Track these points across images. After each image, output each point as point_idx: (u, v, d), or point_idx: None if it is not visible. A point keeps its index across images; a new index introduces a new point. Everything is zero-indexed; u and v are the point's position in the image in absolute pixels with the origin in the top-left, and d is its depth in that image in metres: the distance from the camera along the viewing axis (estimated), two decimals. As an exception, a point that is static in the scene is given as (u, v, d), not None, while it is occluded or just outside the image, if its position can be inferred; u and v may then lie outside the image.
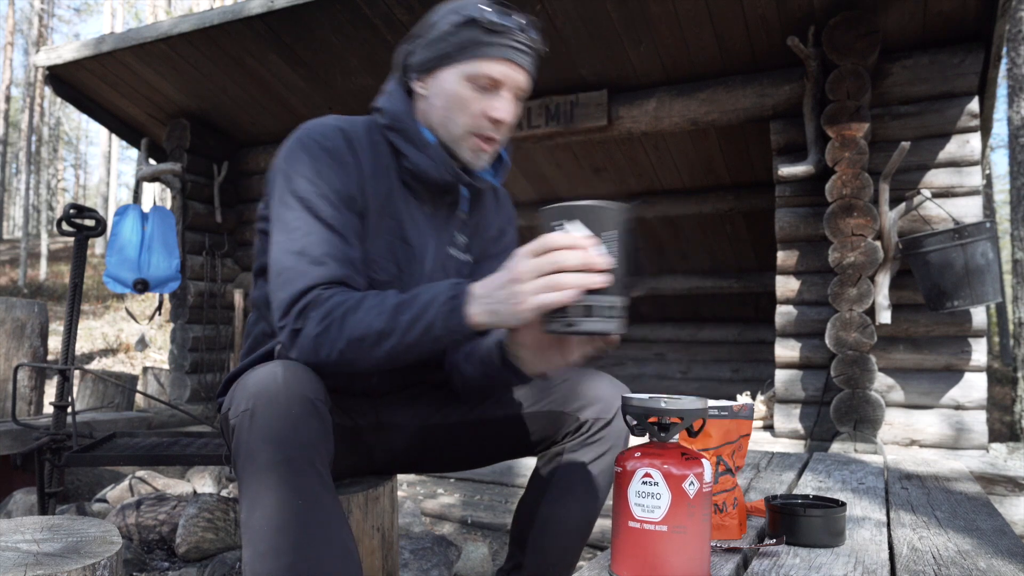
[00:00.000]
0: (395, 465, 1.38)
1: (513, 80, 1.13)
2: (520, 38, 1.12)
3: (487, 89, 1.12)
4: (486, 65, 1.10)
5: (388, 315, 0.95)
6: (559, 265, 0.84)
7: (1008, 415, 9.40)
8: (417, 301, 0.95)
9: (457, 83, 1.12)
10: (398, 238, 1.17)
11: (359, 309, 0.97)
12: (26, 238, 17.74)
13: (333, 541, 0.90)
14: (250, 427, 0.92)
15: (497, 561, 2.58)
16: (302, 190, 1.08)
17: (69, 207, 2.36)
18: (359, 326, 0.96)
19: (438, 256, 1.22)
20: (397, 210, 1.18)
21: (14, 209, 30.32)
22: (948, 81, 3.16)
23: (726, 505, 1.02)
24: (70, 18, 28.36)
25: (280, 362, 0.99)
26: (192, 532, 2.28)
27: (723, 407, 1.02)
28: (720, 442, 1.02)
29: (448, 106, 1.13)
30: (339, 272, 1.04)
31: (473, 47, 1.10)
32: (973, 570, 1.05)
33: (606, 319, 0.86)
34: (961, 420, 3.09)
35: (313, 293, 1.01)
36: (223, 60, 4.07)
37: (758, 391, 4.43)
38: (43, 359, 3.45)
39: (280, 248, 1.07)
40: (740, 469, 1.03)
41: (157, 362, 10.42)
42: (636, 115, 3.82)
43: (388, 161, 1.18)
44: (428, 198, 1.21)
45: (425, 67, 1.15)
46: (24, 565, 0.92)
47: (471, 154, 1.17)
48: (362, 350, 0.97)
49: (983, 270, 2.90)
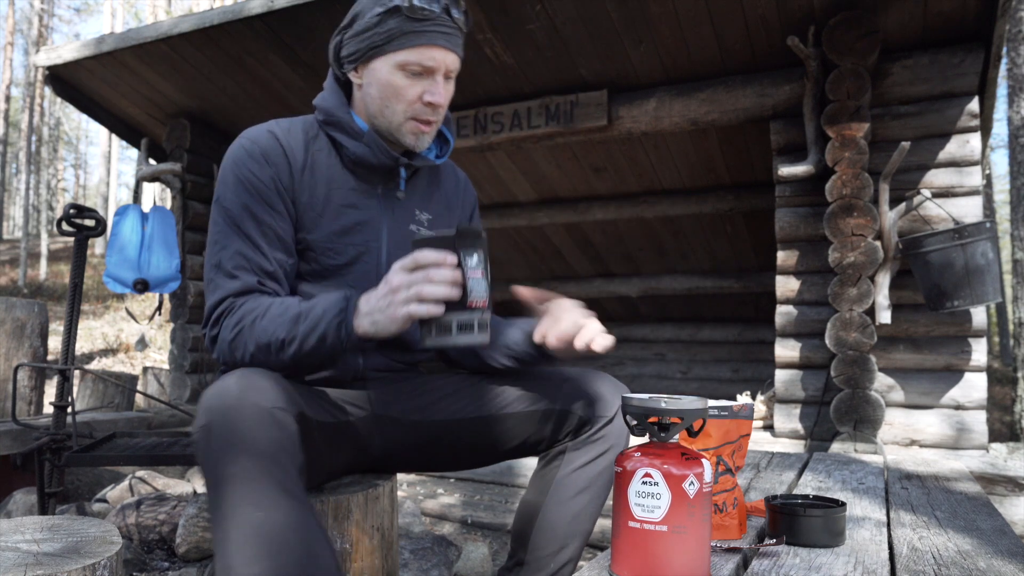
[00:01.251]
0: (394, 461, 1.38)
1: (444, 63, 1.17)
2: (445, 21, 1.15)
3: (420, 75, 1.17)
4: (415, 53, 1.14)
5: (288, 325, 1.05)
6: (427, 279, 0.95)
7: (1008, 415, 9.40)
8: (312, 313, 1.04)
9: (390, 72, 1.16)
10: (351, 222, 1.23)
11: (265, 317, 1.07)
12: (26, 238, 17.73)
13: (298, 548, 0.89)
14: (207, 442, 0.93)
15: (497, 561, 2.58)
16: (225, 200, 1.18)
17: (69, 207, 2.36)
18: (264, 334, 1.06)
19: (396, 234, 1.28)
20: (346, 197, 1.24)
21: (14, 209, 30.32)
22: (948, 81, 3.16)
23: (726, 505, 1.02)
24: (70, 18, 28.36)
25: (238, 372, 1.00)
26: (192, 532, 2.28)
27: (723, 407, 1.02)
28: (720, 442, 1.02)
29: (384, 95, 1.18)
30: (250, 282, 1.14)
31: (400, 36, 1.14)
32: (973, 570, 1.05)
33: (469, 333, 0.97)
34: (961, 420, 3.09)
35: (226, 303, 1.12)
36: (223, 60, 4.07)
37: (758, 391, 4.43)
38: (43, 359, 3.45)
39: (206, 260, 1.18)
40: (740, 469, 1.03)
41: (157, 362, 10.42)
42: (636, 115, 3.82)
43: (330, 153, 1.25)
44: (377, 181, 1.27)
45: (356, 58, 1.19)
46: (24, 565, 0.92)
47: (412, 137, 1.22)
48: (269, 355, 1.07)
49: (983, 270, 2.90)
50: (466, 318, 0.97)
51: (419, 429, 1.31)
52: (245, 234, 1.15)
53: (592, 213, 5.52)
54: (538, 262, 6.56)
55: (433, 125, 1.23)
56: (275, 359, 1.06)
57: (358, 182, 1.25)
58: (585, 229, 5.90)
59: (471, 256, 0.97)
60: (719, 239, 5.71)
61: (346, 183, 1.24)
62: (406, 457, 1.36)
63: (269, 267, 1.16)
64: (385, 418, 1.29)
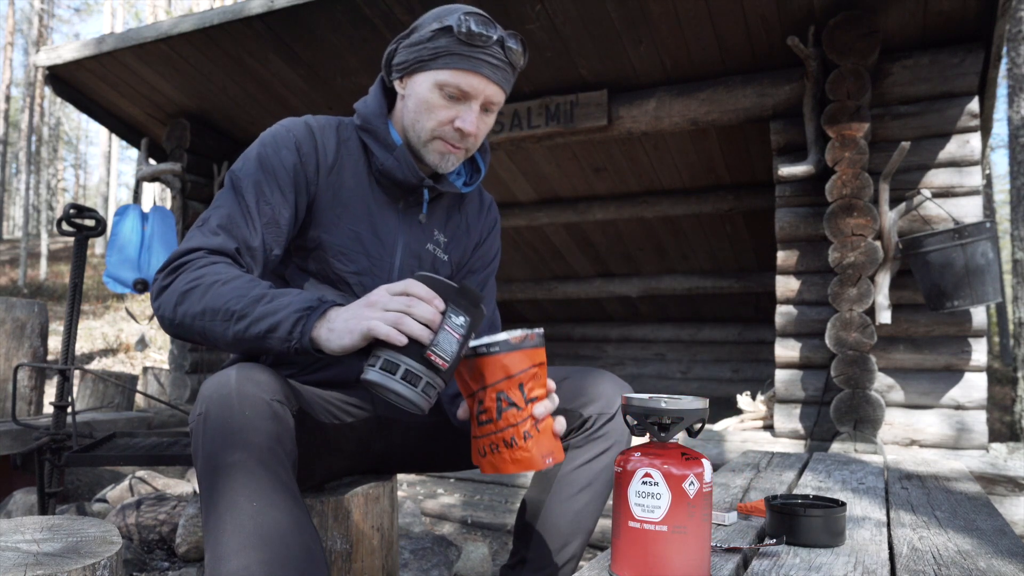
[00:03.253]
0: (395, 463, 1.38)
1: (483, 93, 1.15)
2: (495, 52, 1.13)
3: (456, 98, 1.15)
4: (456, 75, 1.13)
5: (247, 301, 0.97)
6: (406, 307, 0.89)
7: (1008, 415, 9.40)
8: (277, 300, 0.97)
9: (428, 89, 1.15)
10: (367, 230, 1.22)
11: (227, 284, 1.00)
12: (26, 238, 17.73)
13: (291, 541, 0.89)
14: (204, 431, 0.93)
15: (497, 561, 2.58)
16: (238, 170, 1.15)
17: (69, 207, 2.36)
18: (219, 299, 0.98)
19: (410, 251, 1.26)
20: (367, 205, 1.23)
21: (14, 209, 30.32)
22: (948, 81, 3.16)
23: (515, 440, 0.96)
24: (70, 18, 28.36)
25: (238, 365, 0.99)
26: (192, 532, 2.28)
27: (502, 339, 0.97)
28: (496, 379, 0.97)
29: (418, 109, 1.17)
30: (229, 245, 1.08)
31: (446, 56, 1.12)
32: (973, 570, 1.05)
33: (411, 386, 0.88)
34: (961, 420, 3.09)
35: (195, 255, 1.05)
36: (223, 60, 4.07)
37: (758, 391, 4.43)
38: (43, 359, 3.45)
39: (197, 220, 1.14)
40: (541, 399, 0.98)
41: (157, 362, 10.42)
42: (636, 115, 3.82)
43: (360, 158, 1.24)
44: (400, 195, 1.25)
45: (404, 68, 1.18)
46: (24, 565, 0.92)
47: (437, 156, 1.20)
48: (213, 322, 0.99)
49: (983, 270, 2.90)
50: (418, 369, 0.88)
51: (420, 430, 1.31)
52: (244, 203, 1.12)
53: (592, 213, 5.52)
54: (538, 262, 6.56)
55: (461, 151, 1.21)
56: (216, 329, 0.99)
57: (381, 193, 1.24)
58: (585, 229, 5.91)
59: (459, 316, 0.91)
60: (719, 239, 5.71)
61: (370, 192, 1.23)
62: (407, 457, 1.36)
63: (253, 242, 1.12)
64: (387, 419, 1.28)
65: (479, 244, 1.39)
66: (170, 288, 1.03)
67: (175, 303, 1.02)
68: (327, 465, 1.25)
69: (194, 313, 1.00)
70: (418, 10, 3.42)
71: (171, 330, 1.05)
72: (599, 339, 7.25)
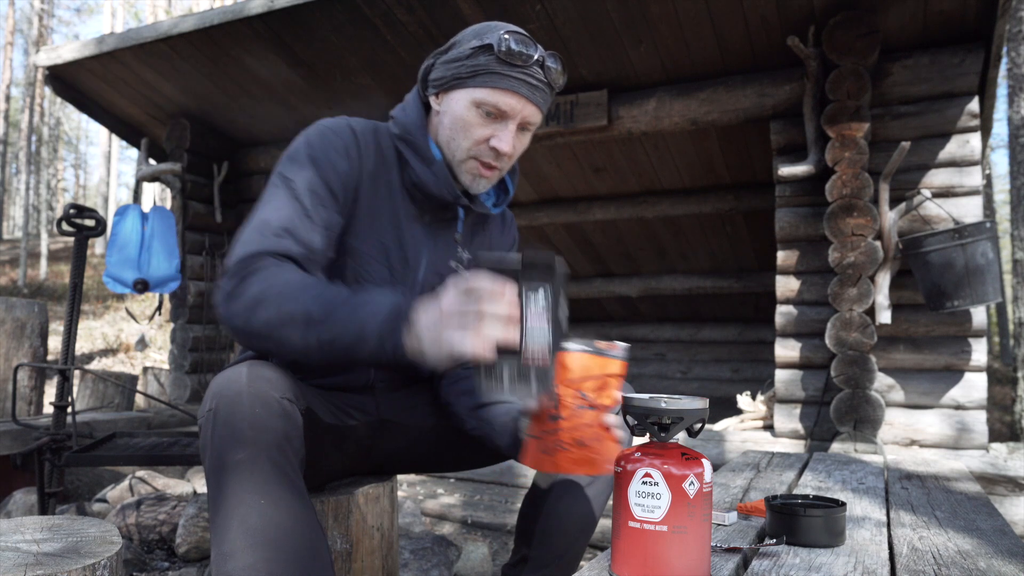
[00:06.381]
0: (397, 464, 1.38)
1: (520, 112, 1.13)
2: (535, 72, 1.12)
3: (493, 117, 1.14)
4: (494, 94, 1.12)
5: (327, 304, 0.92)
6: (479, 314, 0.81)
7: (1008, 415, 9.41)
8: (360, 305, 0.91)
9: (465, 107, 1.13)
10: (394, 242, 1.20)
11: (302, 288, 0.94)
12: (26, 238, 17.73)
13: (298, 540, 0.89)
14: (213, 427, 0.92)
15: (498, 561, 2.58)
16: (289, 172, 1.11)
17: (69, 207, 2.36)
18: (295, 303, 0.92)
19: (434, 266, 1.24)
20: (395, 216, 1.20)
21: (14, 209, 30.31)
22: (948, 81, 3.16)
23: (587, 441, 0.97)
24: (70, 18, 28.37)
25: (248, 362, 0.99)
26: (192, 532, 2.28)
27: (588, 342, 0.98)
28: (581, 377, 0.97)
29: (454, 127, 1.16)
30: (294, 248, 1.03)
31: (485, 74, 1.11)
32: (973, 570, 1.05)
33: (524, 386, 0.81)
34: (961, 420, 3.09)
35: (262, 259, 0.99)
36: (223, 60, 4.07)
37: (758, 391, 4.43)
38: (43, 359, 3.45)
39: (249, 220, 1.07)
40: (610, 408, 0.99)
41: (157, 362, 10.42)
42: (636, 115, 3.81)
43: (394, 168, 1.21)
44: (429, 209, 1.23)
45: (441, 84, 1.16)
46: (24, 565, 0.92)
47: (470, 177, 1.19)
48: (292, 328, 0.92)
49: (983, 270, 2.90)
50: (520, 370, 0.80)
51: (423, 432, 1.31)
52: (303, 205, 1.07)
53: (592, 213, 5.52)
54: (538, 262, 6.55)
55: (495, 171, 1.19)
56: (297, 336, 0.92)
57: (411, 205, 1.22)
58: (585, 229, 5.90)
59: (535, 294, 0.81)
60: (719, 239, 5.71)
61: (401, 202, 1.21)
62: (409, 459, 1.36)
63: (316, 245, 1.07)
64: (390, 422, 1.28)
65: None
66: (240, 295, 0.96)
67: (247, 311, 0.95)
68: (330, 465, 1.25)
69: (271, 321, 0.93)
70: (418, 10, 3.42)
71: (244, 340, 0.99)
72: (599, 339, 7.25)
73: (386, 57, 3.83)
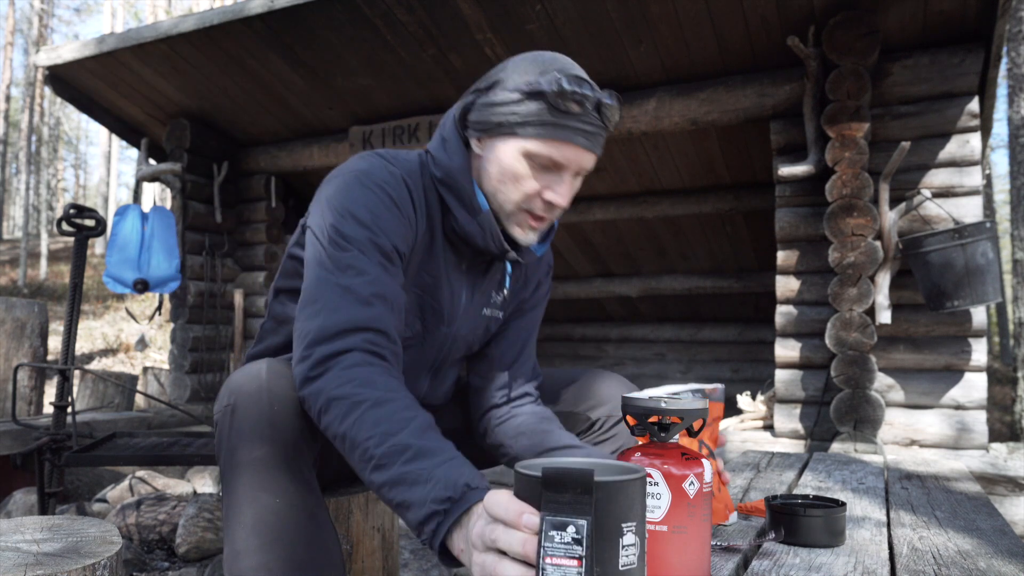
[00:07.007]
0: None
1: (578, 163, 1.04)
2: (592, 119, 1.01)
3: (547, 169, 1.03)
4: (549, 146, 1.01)
5: (390, 449, 0.82)
6: (494, 544, 0.67)
7: (1008, 415, 9.41)
8: (423, 466, 0.79)
9: (515, 158, 1.03)
10: (429, 295, 1.14)
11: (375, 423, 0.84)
12: (26, 238, 17.73)
13: (311, 539, 0.89)
14: (230, 423, 0.92)
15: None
16: (357, 233, 0.99)
17: (69, 207, 2.36)
18: (360, 430, 0.84)
19: (467, 323, 1.20)
20: (436, 266, 1.13)
21: (14, 209, 30.31)
22: (948, 81, 3.16)
23: None
24: (70, 18, 28.40)
25: (267, 360, 0.99)
26: (192, 532, 2.28)
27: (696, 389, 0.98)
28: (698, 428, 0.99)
29: (502, 178, 1.05)
30: (384, 319, 0.95)
31: (538, 124, 1.00)
32: (973, 570, 1.05)
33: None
34: (961, 420, 3.09)
35: (354, 338, 0.91)
36: (223, 60, 4.07)
37: (758, 391, 4.43)
38: (43, 359, 3.45)
39: (323, 282, 0.96)
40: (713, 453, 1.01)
41: (157, 362, 10.42)
42: (636, 115, 3.81)
43: (435, 213, 1.12)
44: (468, 255, 1.16)
45: (484, 129, 1.05)
46: (24, 565, 0.92)
47: (520, 230, 1.10)
48: (352, 455, 0.86)
49: (983, 270, 2.90)
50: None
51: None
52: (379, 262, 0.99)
53: (592, 213, 5.52)
54: (538, 262, 6.55)
55: (546, 221, 1.09)
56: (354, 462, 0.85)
57: (450, 251, 1.14)
58: (585, 229, 5.90)
59: (566, 527, 0.61)
60: (719, 239, 5.71)
61: (440, 248, 1.13)
62: None
63: (400, 300, 1.01)
64: None
65: (535, 289, 1.32)
66: (318, 385, 0.89)
67: (320, 409, 0.89)
68: (337, 466, 1.25)
69: (336, 435, 0.87)
70: (418, 10, 3.41)
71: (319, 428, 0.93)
72: (599, 339, 7.25)
73: (386, 57, 3.83)
